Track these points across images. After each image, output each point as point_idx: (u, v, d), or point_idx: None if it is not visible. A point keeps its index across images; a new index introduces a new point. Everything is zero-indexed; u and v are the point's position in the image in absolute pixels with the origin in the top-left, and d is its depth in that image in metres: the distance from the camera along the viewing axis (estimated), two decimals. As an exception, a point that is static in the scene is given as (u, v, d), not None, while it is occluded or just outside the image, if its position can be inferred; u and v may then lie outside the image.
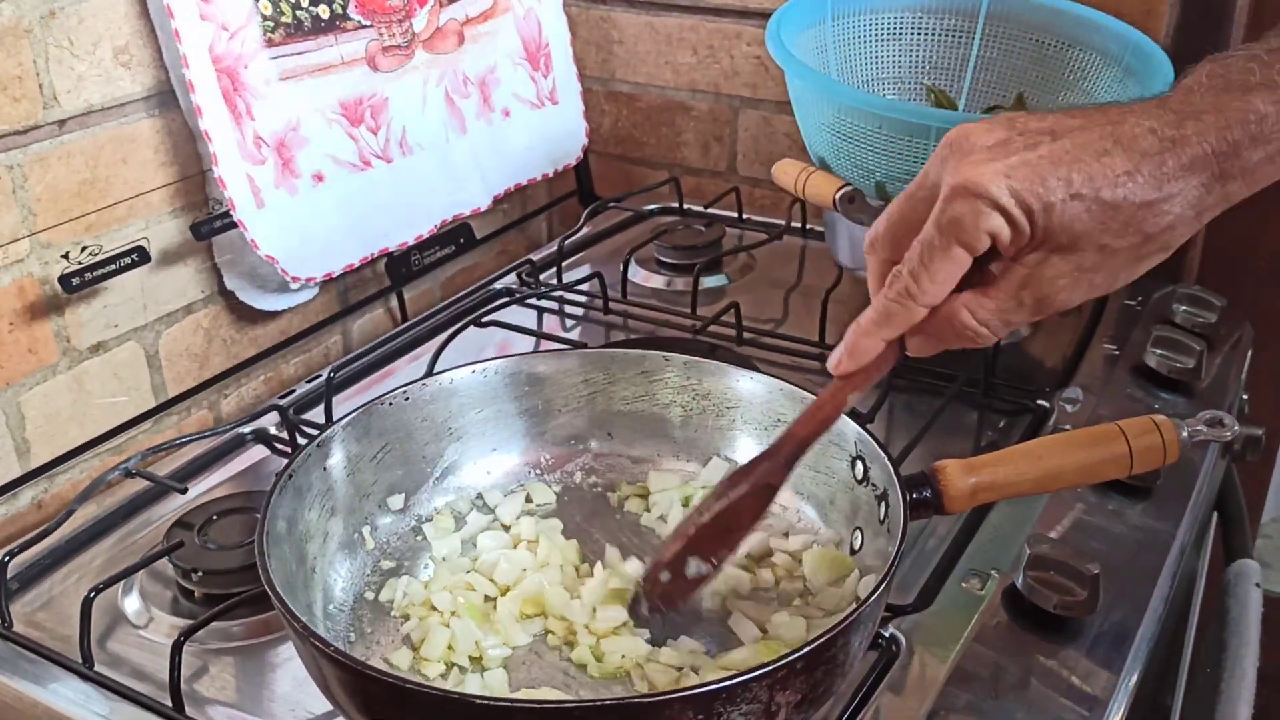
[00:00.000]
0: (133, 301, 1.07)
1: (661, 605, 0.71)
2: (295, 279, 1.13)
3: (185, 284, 1.12)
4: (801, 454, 0.70)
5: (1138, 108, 0.57)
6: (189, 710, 0.73)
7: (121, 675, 0.77)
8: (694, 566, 0.70)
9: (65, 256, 0.99)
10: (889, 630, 0.77)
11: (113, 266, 1.01)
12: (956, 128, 0.59)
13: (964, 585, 0.82)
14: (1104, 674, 0.76)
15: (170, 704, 0.73)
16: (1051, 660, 0.77)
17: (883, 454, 0.72)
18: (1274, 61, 0.57)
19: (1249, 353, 1.18)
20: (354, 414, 0.78)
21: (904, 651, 0.76)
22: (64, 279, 0.97)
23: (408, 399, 0.81)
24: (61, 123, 0.99)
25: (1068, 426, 1.00)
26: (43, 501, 1.03)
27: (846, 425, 0.77)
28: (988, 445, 1.01)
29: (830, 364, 0.66)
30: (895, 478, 0.70)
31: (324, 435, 0.75)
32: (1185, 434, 0.75)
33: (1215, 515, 1.13)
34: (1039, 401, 1.04)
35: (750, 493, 0.70)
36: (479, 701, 0.54)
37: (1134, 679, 0.77)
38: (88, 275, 0.99)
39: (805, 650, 0.57)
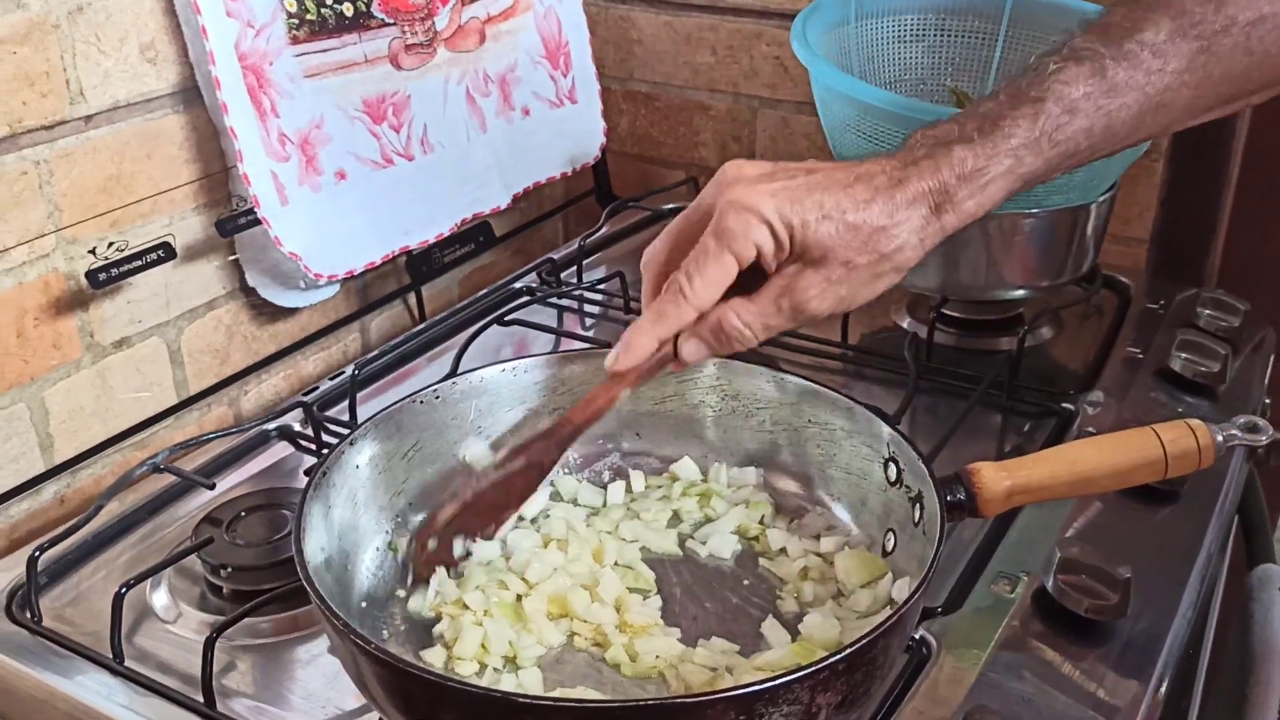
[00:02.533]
0: (156, 298, 1.07)
1: (424, 573, 0.76)
2: (318, 276, 1.13)
3: (208, 280, 1.12)
4: (574, 439, 0.75)
5: (875, 159, 0.70)
6: (222, 707, 0.73)
7: (150, 670, 0.77)
8: (460, 545, 0.75)
9: (92, 252, 0.99)
10: (919, 633, 0.77)
11: (139, 263, 1.01)
12: (730, 163, 0.70)
13: (993, 588, 0.82)
14: (1133, 680, 0.76)
15: (202, 700, 0.73)
16: (1081, 664, 0.77)
17: (917, 457, 0.72)
18: (967, 121, 0.70)
19: (1271, 357, 1.17)
20: (386, 411, 0.78)
21: (935, 654, 0.76)
22: (91, 274, 0.97)
23: (438, 397, 0.81)
24: (88, 118, 0.99)
25: (1092, 430, 1.00)
26: (65, 497, 1.03)
27: (880, 428, 0.76)
28: (1013, 449, 1.01)
29: (606, 362, 0.72)
30: (931, 480, 0.70)
31: (356, 432, 0.75)
32: (1220, 438, 0.74)
33: (1236, 519, 1.13)
34: (1063, 404, 1.04)
35: (522, 470, 0.75)
36: (521, 700, 0.54)
37: (1164, 685, 0.77)
38: (114, 271, 0.99)
39: (848, 651, 0.57)
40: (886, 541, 0.77)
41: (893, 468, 0.76)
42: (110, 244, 1.00)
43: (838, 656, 0.57)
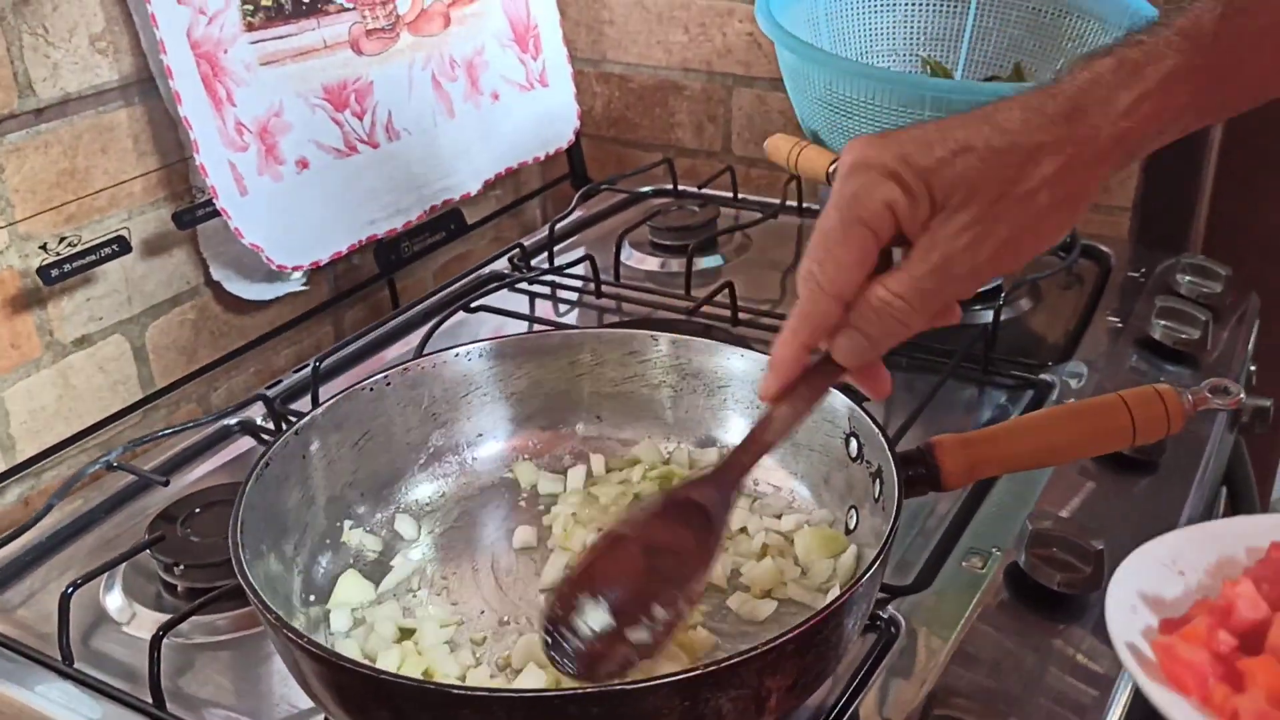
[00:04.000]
0: (117, 294, 1.05)
1: (585, 672, 0.59)
2: (281, 267, 1.12)
3: (170, 275, 1.10)
4: (741, 481, 0.65)
5: (1008, 100, 0.58)
6: (173, 707, 0.72)
7: (105, 673, 0.75)
8: (638, 633, 0.60)
9: (44, 248, 0.97)
10: (888, 611, 0.75)
11: (93, 257, 0.99)
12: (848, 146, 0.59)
13: (965, 564, 0.80)
14: (1110, 652, 0.74)
15: (150, 700, 0.71)
16: (1056, 639, 0.75)
17: (877, 430, 0.70)
18: (1134, 32, 0.58)
19: (1255, 324, 1.15)
20: (333, 400, 0.76)
21: (904, 633, 0.74)
22: (43, 270, 0.96)
23: (389, 384, 0.79)
24: (38, 112, 0.97)
25: (1068, 401, 0.97)
26: (29, 499, 1.01)
27: (839, 401, 0.74)
28: (988, 422, 0.99)
29: (760, 391, 0.63)
30: (890, 454, 0.68)
31: (302, 422, 0.73)
32: (1189, 401, 0.72)
33: (1224, 490, 1.10)
34: (1041, 376, 1.02)
35: (696, 537, 0.63)
36: (456, 691, 0.52)
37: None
38: (67, 267, 0.97)
39: (797, 631, 0.55)
40: (849, 519, 0.75)
41: (854, 443, 0.74)
42: (62, 239, 0.98)
43: (784, 638, 0.55)
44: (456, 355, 0.81)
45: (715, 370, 0.82)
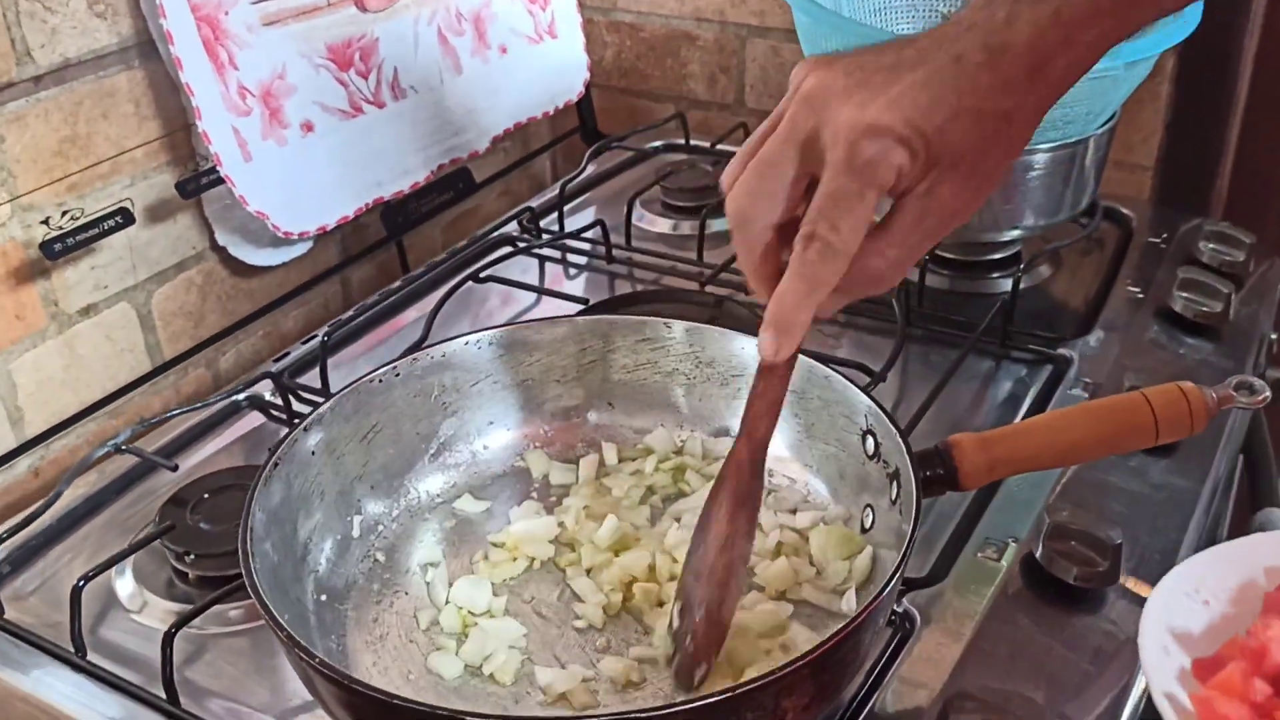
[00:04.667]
0: (121, 261, 1.04)
1: (705, 657, 0.66)
2: (288, 234, 1.10)
3: (175, 241, 1.08)
4: (765, 450, 0.67)
5: (953, 24, 0.58)
6: (185, 702, 0.71)
7: (115, 664, 0.75)
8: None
9: (45, 222, 0.95)
10: (903, 605, 0.75)
11: (96, 230, 0.97)
12: (802, 71, 0.60)
13: (979, 556, 0.79)
14: (1127, 646, 0.74)
15: (165, 696, 0.71)
16: (1072, 633, 0.74)
17: (895, 430, 0.69)
18: None
19: (1278, 292, 1.13)
20: (341, 393, 0.75)
21: (918, 628, 0.74)
22: (46, 245, 0.94)
23: (398, 375, 0.78)
24: (37, 79, 0.95)
25: (1087, 379, 0.96)
26: (40, 469, 1.01)
27: (857, 398, 0.73)
28: (1006, 399, 0.97)
29: (768, 353, 0.63)
30: (908, 457, 0.67)
31: (310, 418, 0.72)
32: (1213, 399, 0.71)
33: (1241, 459, 1.09)
34: (1059, 350, 1.01)
35: (731, 514, 0.67)
36: (470, 718, 0.52)
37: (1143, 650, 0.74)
38: (70, 241, 0.95)
39: (812, 656, 0.55)
40: (865, 517, 0.74)
41: (870, 440, 0.73)
42: (65, 212, 0.97)
43: (802, 661, 0.54)
44: (466, 344, 0.80)
45: (730, 359, 0.81)
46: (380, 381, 0.77)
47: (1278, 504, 1.07)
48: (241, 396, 0.99)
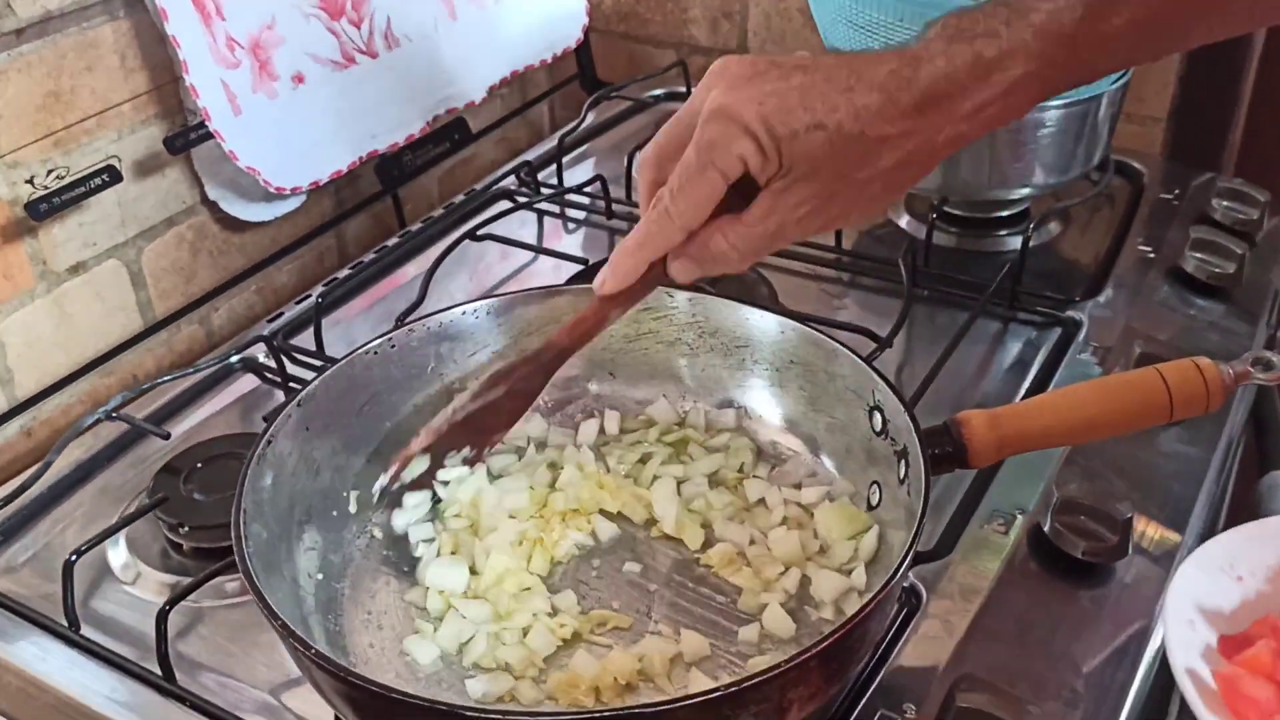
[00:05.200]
0: (110, 218, 1.02)
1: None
2: (280, 190, 1.07)
3: (165, 196, 1.06)
4: (561, 362, 0.72)
5: (884, 53, 0.60)
6: (183, 679, 0.71)
7: (109, 638, 0.74)
8: (451, 460, 0.74)
9: (30, 182, 0.93)
10: (909, 580, 0.74)
11: (82, 189, 0.95)
12: (721, 60, 0.62)
13: (986, 529, 0.78)
14: (1137, 621, 0.73)
15: (160, 673, 0.70)
16: (1080, 608, 0.73)
17: (903, 408, 0.67)
18: (997, 13, 0.60)
19: (1291, 249, 1.11)
20: (335, 366, 0.73)
21: (925, 602, 0.73)
22: (31, 206, 0.92)
23: (393, 345, 0.76)
24: (19, 32, 0.91)
25: (1096, 344, 0.94)
26: (32, 429, 0.99)
27: (864, 373, 0.71)
28: (1013, 363, 0.96)
29: (595, 284, 0.68)
30: (916, 435, 0.65)
31: (303, 393, 0.71)
32: (1229, 376, 0.69)
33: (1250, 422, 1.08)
34: (1068, 312, 0.99)
35: (508, 395, 0.73)
36: (469, 714, 0.51)
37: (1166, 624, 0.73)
38: (56, 200, 0.93)
39: (819, 648, 0.53)
40: (871, 494, 0.73)
41: (878, 417, 0.71)
42: (50, 171, 0.94)
43: (810, 653, 0.53)
44: (464, 313, 0.78)
45: (734, 329, 0.79)
46: (375, 353, 0.75)
47: (1286, 467, 1.05)
48: (235, 359, 0.97)
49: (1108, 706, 0.68)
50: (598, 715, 0.50)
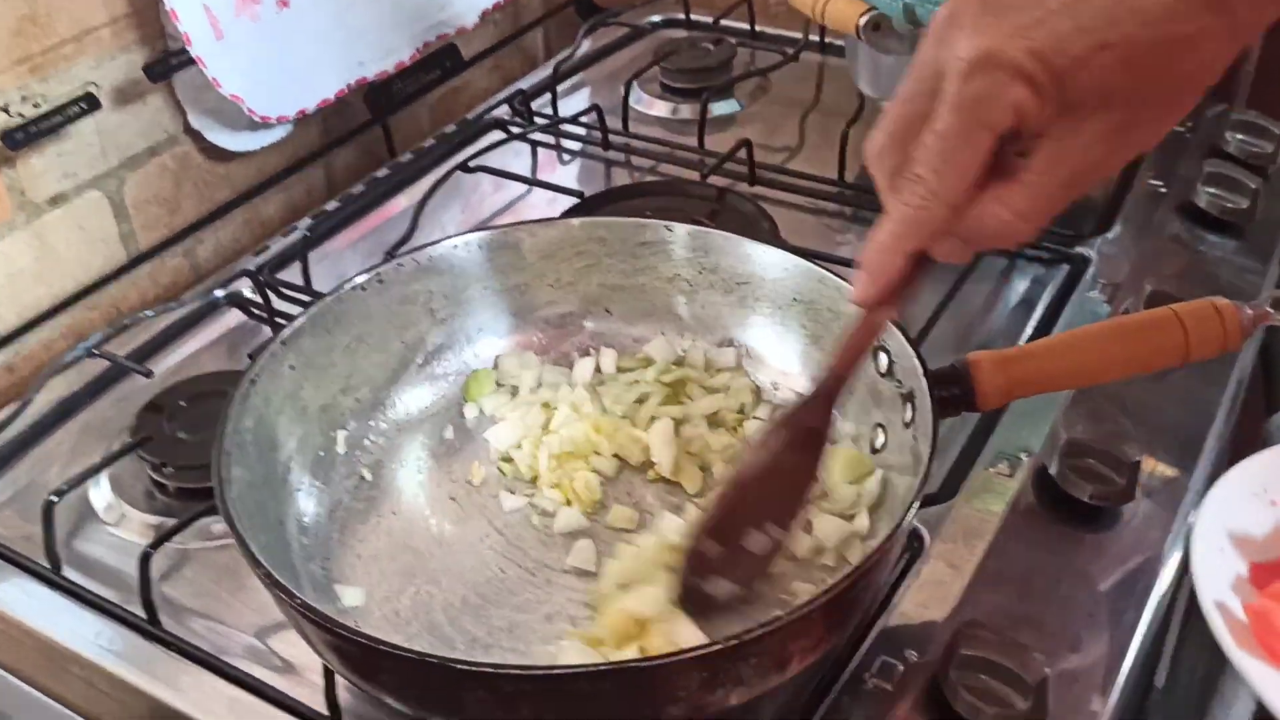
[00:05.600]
0: (90, 147, 0.98)
1: (731, 583, 0.64)
2: (265, 119, 1.04)
3: (147, 125, 1.02)
4: (838, 392, 0.63)
5: None
6: (168, 623, 0.69)
7: (92, 580, 0.73)
8: (755, 540, 0.63)
9: (5, 110, 0.89)
10: (912, 523, 0.72)
11: (59, 118, 0.92)
12: (943, 7, 0.52)
13: (991, 471, 0.76)
14: (1142, 561, 0.71)
15: (144, 616, 0.68)
16: (1086, 552, 0.72)
17: (910, 349, 0.65)
18: None
19: (1306, 183, 1.08)
20: (322, 302, 0.71)
21: (928, 546, 0.71)
22: (7, 135, 0.88)
23: (381, 280, 0.73)
24: (-11, -49, 0.88)
25: (1104, 281, 0.92)
26: (14, 365, 0.97)
27: (870, 312, 0.69)
28: (1020, 302, 0.93)
29: (855, 295, 0.58)
30: (925, 378, 0.63)
31: (288, 330, 0.68)
32: (1248, 317, 0.67)
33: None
34: (1077, 249, 0.96)
35: (794, 444, 0.63)
36: (460, 667, 0.49)
37: (1173, 566, 0.72)
38: (32, 129, 0.90)
39: (822, 600, 0.52)
40: (875, 437, 0.71)
41: (883, 357, 0.69)
42: (25, 98, 0.91)
43: (812, 605, 0.51)
44: (455, 247, 0.75)
45: (735, 265, 0.76)
46: (363, 289, 0.73)
47: (1294, 407, 1.04)
48: (219, 294, 0.94)
49: (1113, 651, 0.66)
50: (592, 670, 0.49)
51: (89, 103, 0.93)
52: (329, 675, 0.61)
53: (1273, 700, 0.54)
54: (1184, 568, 0.73)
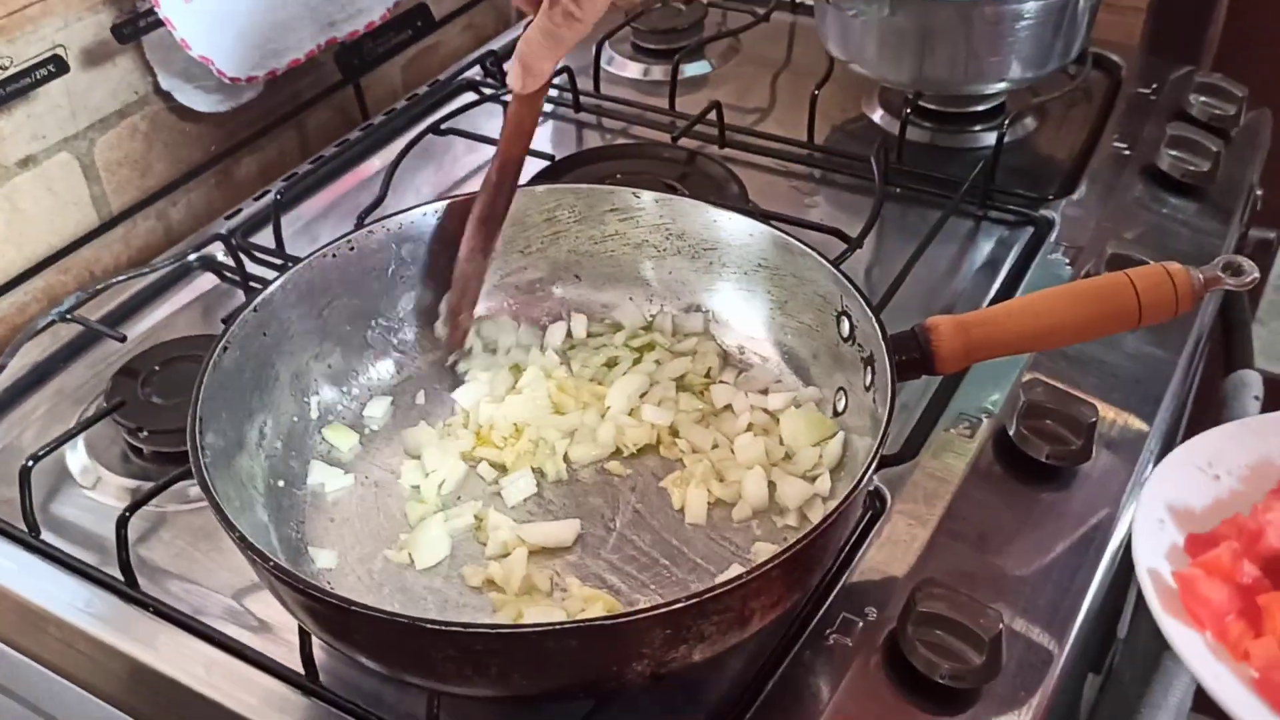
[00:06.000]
0: (59, 109, 0.98)
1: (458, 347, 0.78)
2: (235, 80, 1.04)
3: (116, 85, 1.02)
4: (517, 175, 0.76)
5: None
6: (145, 585, 0.70)
7: (69, 543, 0.74)
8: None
9: (-28, 73, 0.89)
10: (873, 484, 0.74)
11: (27, 80, 0.92)
12: None
13: (952, 431, 0.78)
14: (1098, 519, 0.73)
15: (123, 579, 0.70)
16: (1042, 511, 0.74)
17: (870, 314, 0.66)
18: None
19: (1267, 146, 1.09)
20: (294, 269, 0.71)
21: (889, 506, 0.73)
22: (-28, 99, 0.88)
23: (352, 248, 0.74)
24: (-48, -90, 0.87)
25: (1067, 244, 0.93)
26: (-15, 327, 0.97)
27: (831, 279, 0.70)
28: (984, 264, 0.95)
29: (515, 86, 0.72)
30: (883, 343, 0.64)
31: (259, 298, 0.69)
32: (1199, 281, 0.68)
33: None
34: (1041, 211, 0.98)
35: (484, 224, 0.76)
36: (429, 626, 0.51)
37: (1126, 523, 0.74)
38: (0, 91, 0.89)
39: (781, 558, 0.53)
40: (838, 400, 0.72)
41: (845, 323, 0.70)
42: (-8, 61, 0.90)
43: (772, 563, 0.53)
44: (425, 214, 0.76)
45: (701, 231, 0.77)
46: (334, 255, 0.73)
47: (1252, 365, 1.06)
48: (192, 258, 0.95)
49: (1066, 606, 0.68)
50: (559, 628, 0.50)
51: (57, 65, 0.92)
52: (304, 635, 0.63)
53: (1194, 664, 0.57)
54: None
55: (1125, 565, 0.73)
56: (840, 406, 0.72)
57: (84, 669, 0.70)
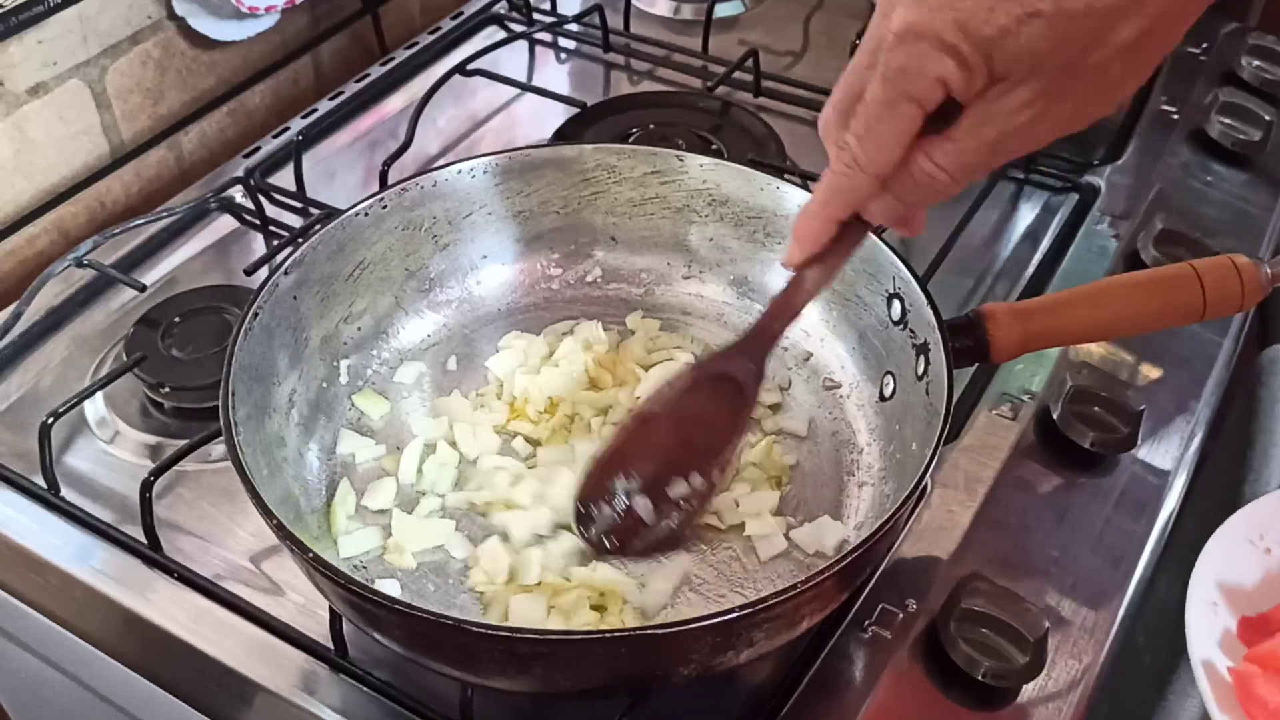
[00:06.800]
0: (70, 35, 0.94)
1: (620, 548, 0.63)
2: (253, 9, 1.00)
3: (128, 11, 0.98)
4: (766, 350, 0.64)
5: None
6: (169, 549, 0.68)
7: (86, 499, 0.72)
8: (676, 486, 0.63)
9: (-20, 0, 0.85)
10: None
11: (40, 6, 0.88)
12: None
13: (994, 413, 0.76)
14: (1140, 514, 0.72)
15: (146, 542, 0.68)
16: (1084, 498, 0.72)
17: (925, 300, 0.64)
18: None
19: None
20: (325, 229, 0.68)
21: (930, 492, 0.71)
22: (-16, 26, 0.84)
23: (385, 207, 0.71)
24: None
25: (1111, 215, 0.91)
26: (-2, 260, 0.94)
27: (884, 257, 0.67)
28: (1027, 233, 0.92)
29: (784, 259, 0.60)
30: (940, 333, 0.62)
31: (290, 260, 0.66)
32: (1266, 275, 0.66)
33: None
34: (1086, 178, 0.95)
35: (709, 391, 0.64)
36: (473, 629, 0.49)
37: (1172, 511, 0.73)
38: (12, 21, 0.86)
39: (837, 568, 0.52)
40: (885, 386, 0.70)
41: (896, 305, 0.68)
42: (2, -12, 0.86)
43: (828, 573, 0.51)
44: (460, 172, 0.73)
45: (746, 199, 0.74)
46: (366, 214, 0.70)
47: (1288, 341, 1.03)
48: (211, 201, 0.92)
49: (1109, 597, 0.67)
50: (610, 635, 0.49)
51: (69, -9, 0.88)
52: (334, 613, 0.61)
53: None
54: (1180, 512, 0.74)
55: (1166, 557, 0.72)
56: (888, 392, 0.70)
57: (100, 626, 0.69)
